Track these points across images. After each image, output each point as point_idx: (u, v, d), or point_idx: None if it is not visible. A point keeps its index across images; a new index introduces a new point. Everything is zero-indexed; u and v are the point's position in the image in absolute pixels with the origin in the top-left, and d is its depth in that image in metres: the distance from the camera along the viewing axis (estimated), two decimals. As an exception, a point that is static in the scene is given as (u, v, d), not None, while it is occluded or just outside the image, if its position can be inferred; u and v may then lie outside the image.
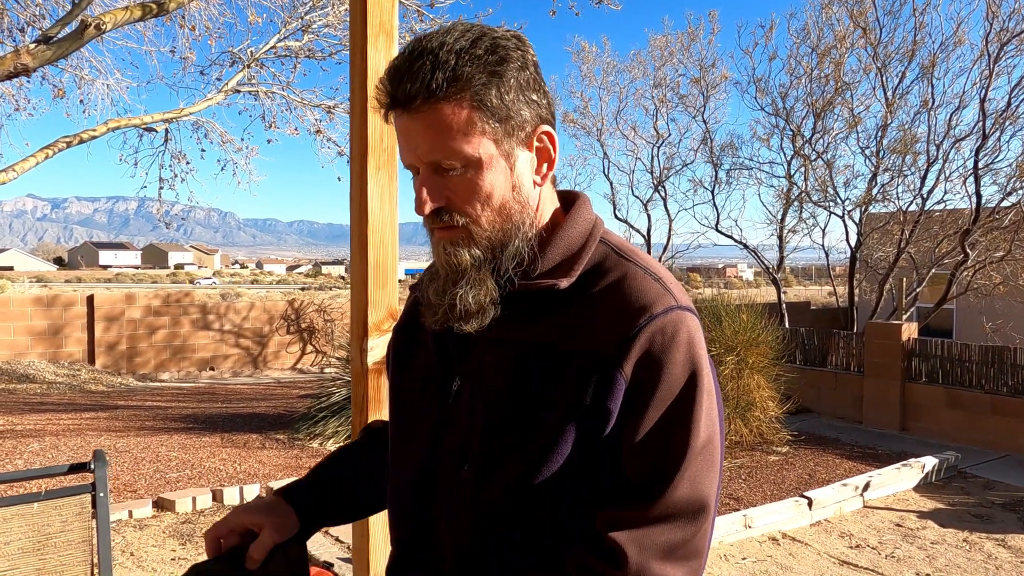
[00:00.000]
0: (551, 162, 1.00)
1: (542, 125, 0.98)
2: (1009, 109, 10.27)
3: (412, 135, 0.94)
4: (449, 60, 0.90)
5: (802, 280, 56.47)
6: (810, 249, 13.78)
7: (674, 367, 0.92)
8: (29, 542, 1.74)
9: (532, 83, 0.96)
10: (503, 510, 0.97)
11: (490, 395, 0.98)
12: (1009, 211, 10.46)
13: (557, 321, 0.96)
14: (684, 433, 0.92)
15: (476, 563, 0.99)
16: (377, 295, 2.26)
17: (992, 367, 8.46)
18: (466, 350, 1.02)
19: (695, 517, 0.92)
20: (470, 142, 0.92)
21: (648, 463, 0.92)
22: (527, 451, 0.95)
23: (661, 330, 0.92)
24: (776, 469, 6.95)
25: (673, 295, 0.96)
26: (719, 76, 12.86)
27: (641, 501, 0.91)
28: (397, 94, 0.92)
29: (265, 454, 6.81)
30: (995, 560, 5.16)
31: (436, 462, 1.04)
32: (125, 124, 7.06)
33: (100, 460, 1.87)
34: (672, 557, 0.91)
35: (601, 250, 1.01)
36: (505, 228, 0.97)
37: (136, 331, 12.61)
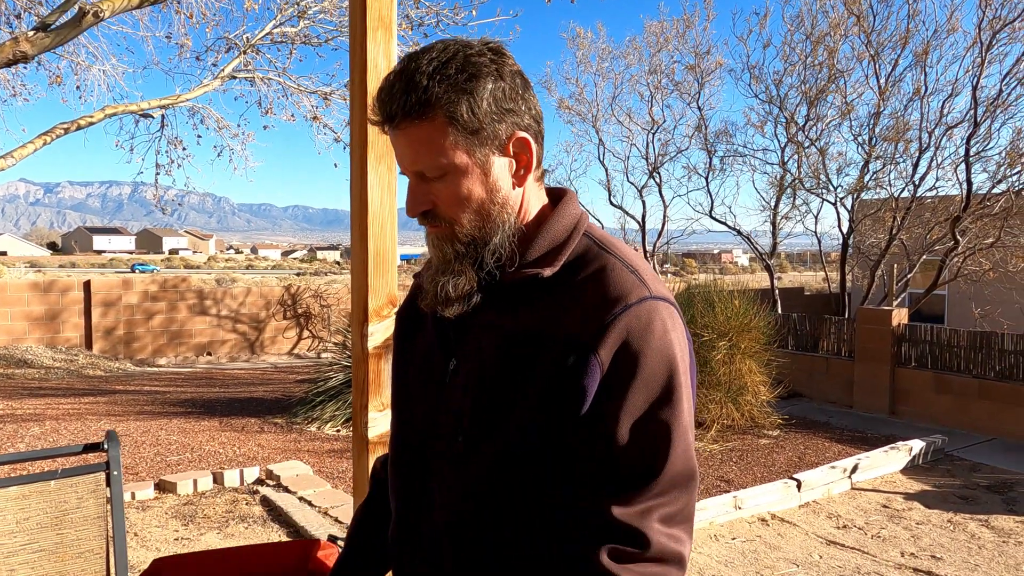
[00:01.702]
0: (528, 165, 1.08)
1: (518, 132, 1.06)
2: (1000, 97, 10.34)
3: (398, 148, 1.06)
4: (421, 82, 1.00)
5: (797, 266, 56.69)
6: (803, 235, 13.88)
7: (650, 354, 1.00)
8: (47, 517, 1.83)
9: (507, 93, 1.04)
10: (491, 479, 1.06)
11: (481, 374, 1.07)
12: (999, 198, 10.56)
13: (541, 307, 1.05)
14: (670, 414, 1.00)
15: (467, 528, 1.08)
16: (377, 282, 2.33)
17: (980, 352, 8.59)
18: (462, 334, 1.11)
19: (687, 486, 1.01)
20: (445, 154, 1.02)
21: (643, 446, 1.00)
22: (511, 424, 1.03)
23: (635, 318, 1.01)
24: (767, 452, 7.08)
25: (648, 286, 1.05)
26: (714, 63, 12.90)
27: (644, 481, 0.99)
28: (383, 113, 1.03)
29: (264, 438, 6.91)
30: (978, 540, 5.29)
31: (433, 435, 1.13)
32: (123, 110, 7.09)
33: (113, 440, 1.95)
34: (674, 523, 1.00)
35: (584, 243, 1.10)
36: (484, 226, 1.06)
37: (133, 316, 12.66)
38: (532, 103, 1.09)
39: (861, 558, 4.88)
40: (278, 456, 6.18)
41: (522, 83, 1.08)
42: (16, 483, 1.82)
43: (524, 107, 1.07)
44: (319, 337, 14.27)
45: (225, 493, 5.10)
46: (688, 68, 13.14)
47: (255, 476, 5.36)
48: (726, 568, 4.62)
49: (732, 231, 13.23)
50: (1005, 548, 5.16)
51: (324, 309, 14.36)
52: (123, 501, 1.91)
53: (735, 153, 13.46)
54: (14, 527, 1.79)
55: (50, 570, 1.80)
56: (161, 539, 4.32)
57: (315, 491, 5.00)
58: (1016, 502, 6.15)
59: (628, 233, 15.03)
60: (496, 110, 1.03)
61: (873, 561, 4.84)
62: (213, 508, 4.79)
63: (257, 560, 1.53)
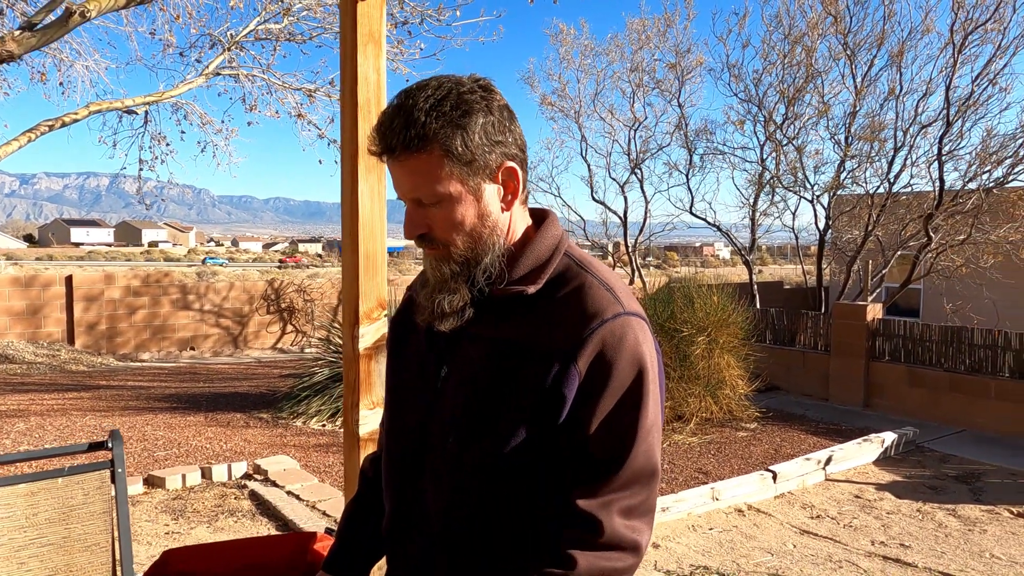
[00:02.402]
0: (515, 191, 1.20)
1: (507, 161, 1.17)
2: (972, 97, 10.57)
3: (397, 177, 1.17)
4: (420, 118, 1.10)
5: (777, 258, 57.18)
6: (782, 231, 14.11)
7: (622, 363, 1.12)
8: (55, 513, 1.92)
9: (496, 126, 1.15)
10: (480, 477, 1.18)
11: (471, 381, 1.19)
12: (970, 196, 10.81)
13: (526, 322, 1.17)
14: (635, 417, 1.13)
15: (457, 521, 1.20)
16: (368, 285, 2.44)
17: (951, 346, 8.82)
18: (453, 344, 1.23)
19: (648, 482, 1.14)
20: (441, 183, 1.13)
21: (608, 443, 1.12)
22: (499, 426, 1.15)
23: (611, 332, 1.13)
24: (744, 445, 7.25)
25: (622, 303, 1.17)
26: (694, 61, 13.06)
27: (606, 475, 1.12)
28: (383, 145, 1.14)
29: (250, 432, 6.98)
30: (945, 528, 5.49)
31: (426, 436, 1.24)
32: (107, 107, 7.09)
33: (117, 439, 2.04)
34: (634, 516, 1.13)
35: (564, 262, 1.22)
36: (476, 248, 1.18)
37: (116, 311, 12.63)
38: (517, 133, 1.20)
39: (833, 547, 5.06)
40: (265, 451, 6.25)
41: (508, 116, 1.19)
42: (25, 480, 1.91)
43: (511, 138, 1.18)
44: (302, 331, 14.31)
45: (214, 488, 5.18)
46: (669, 66, 13.29)
47: (243, 471, 5.44)
48: (703, 557, 4.77)
49: (712, 227, 13.43)
50: (970, 536, 5.36)
51: (307, 304, 14.39)
52: (127, 497, 2.00)
53: (715, 151, 13.65)
54: (23, 522, 1.88)
55: (59, 563, 1.89)
56: (152, 533, 4.40)
57: (303, 485, 5.10)
58: (982, 492, 6.37)
59: (610, 228, 15.19)
60: (487, 142, 1.14)
61: (844, 549, 5.01)
62: (202, 503, 4.87)
63: (259, 551, 1.63)
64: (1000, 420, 8.25)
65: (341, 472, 5.79)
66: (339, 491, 5.10)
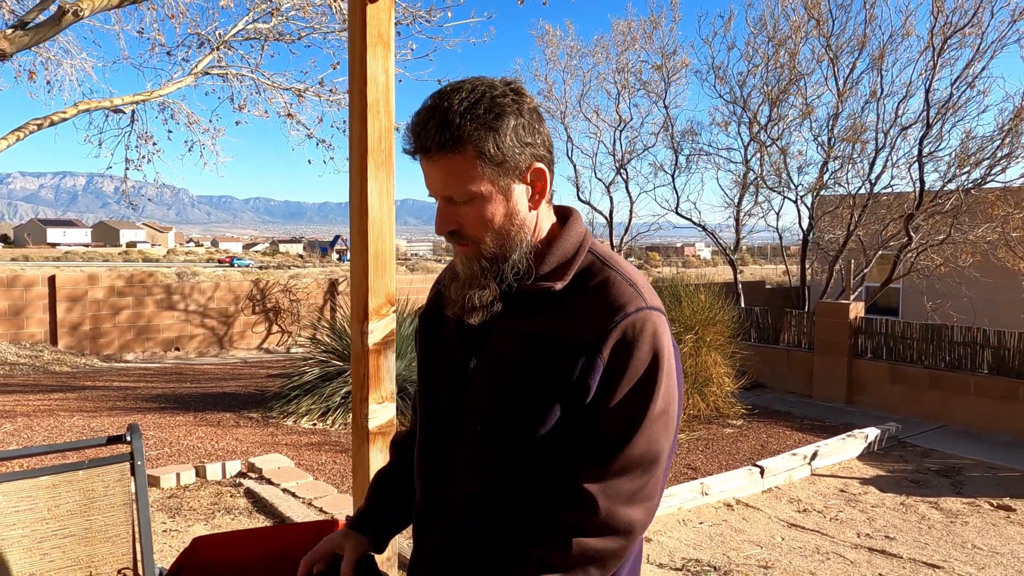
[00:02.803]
0: (543, 191, 1.25)
1: (536, 162, 1.23)
2: (951, 100, 10.78)
3: (430, 175, 1.22)
4: (455, 120, 1.16)
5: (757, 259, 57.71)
6: (765, 231, 14.28)
7: (640, 354, 1.18)
8: (76, 505, 1.95)
9: (527, 129, 1.21)
10: (507, 463, 1.24)
11: (499, 374, 1.25)
12: (950, 196, 11.01)
13: (553, 316, 1.23)
14: (644, 405, 1.18)
15: (486, 505, 1.26)
16: (377, 283, 2.49)
17: (931, 344, 9.00)
18: (482, 338, 1.28)
19: (649, 468, 1.19)
20: (473, 182, 1.19)
21: (615, 427, 1.18)
22: (527, 415, 1.21)
23: (632, 325, 1.19)
24: (731, 441, 7.36)
25: (643, 297, 1.23)
26: (680, 63, 13.19)
27: (607, 458, 1.17)
28: (417, 145, 1.19)
29: (241, 432, 6.97)
30: (928, 520, 5.63)
31: (456, 425, 1.30)
32: (96, 106, 7.06)
33: (136, 433, 2.08)
34: (632, 501, 1.18)
35: (589, 258, 1.28)
36: (505, 245, 1.23)
37: (99, 312, 12.53)
38: (545, 135, 1.26)
39: (820, 539, 5.17)
40: (257, 450, 6.26)
41: (537, 118, 1.24)
42: (47, 473, 1.94)
43: (539, 140, 1.23)
44: (288, 332, 14.27)
45: (208, 486, 5.19)
46: (655, 68, 13.41)
47: (237, 469, 5.46)
48: (695, 551, 4.85)
49: (697, 227, 13.56)
50: (952, 528, 5.50)
51: (293, 304, 14.35)
52: (147, 489, 2.04)
53: (700, 151, 13.79)
54: (46, 514, 1.91)
55: (81, 554, 1.93)
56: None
57: (298, 483, 5.12)
58: (963, 485, 6.52)
59: (596, 228, 15.28)
60: (517, 144, 1.19)
61: (831, 542, 5.12)
62: (198, 500, 4.88)
63: (284, 538, 1.68)
64: (979, 416, 8.43)
65: (335, 470, 5.82)
66: (334, 488, 5.13)
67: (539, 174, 1.24)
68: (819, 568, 4.62)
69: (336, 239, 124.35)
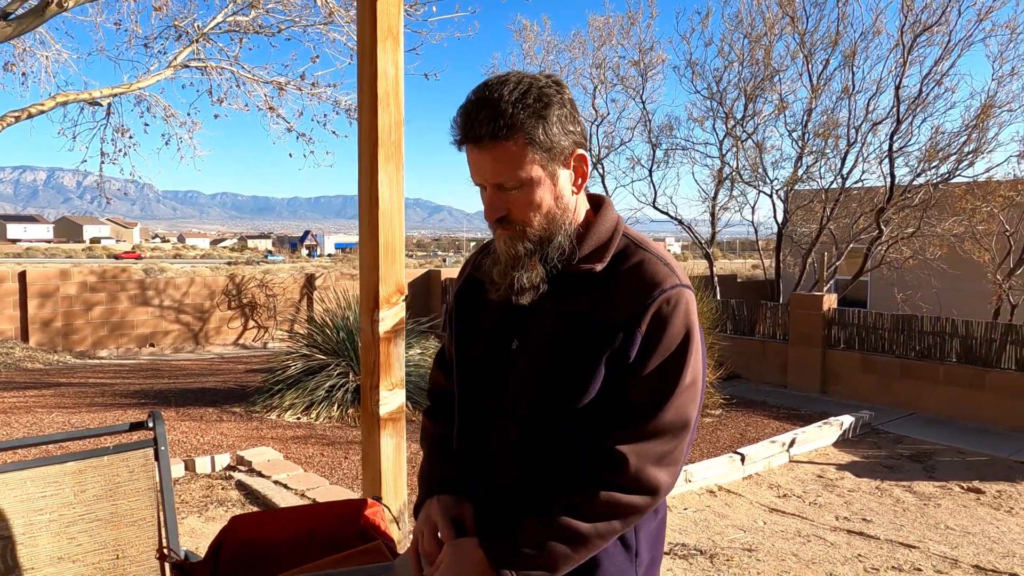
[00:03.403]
0: (584, 176, 1.33)
1: (577, 149, 1.31)
2: (920, 96, 11.06)
3: (481, 163, 1.28)
4: (507, 110, 1.22)
5: (727, 254, 58.38)
6: (740, 225, 14.51)
7: (674, 328, 1.27)
8: (102, 490, 1.98)
9: (569, 118, 1.28)
10: (549, 436, 1.31)
11: (543, 352, 1.31)
12: (919, 191, 11.31)
13: (594, 296, 1.30)
14: (676, 374, 1.27)
15: (533, 473, 1.33)
16: (387, 272, 2.54)
17: (902, 334, 9.25)
18: (526, 319, 1.34)
19: (678, 433, 1.27)
20: (524, 168, 1.25)
21: (648, 394, 1.26)
22: (570, 390, 1.28)
23: (667, 300, 1.27)
24: (711, 430, 7.52)
25: (677, 275, 1.31)
26: (657, 59, 13.34)
27: (639, 421, 1.25)
28: (469, 134, 1.25)
29: (225, 426, 6.95)
30: (902, 503, 5.82)
31: (500, 400, 1.36)
32: (74, 99, 6.95)
33: (158, 419, 2.12)
34: (660, 463, 1.26)
35: (623, 241, 1.36)
36: (550, 228, 1.30)
37: (72, 308, 12.34)
38: (581, 123, 1.33)
39: (800, 523, 5.32)
40: (243, 444, 6.25)
41: (575, 108, 1.32)
42: (72, 459, 1.97)
43: (579, 128, 1.31)
44: (265, 327, 14.17)
45: (199, 479, 5.19)
46: (632, 63, 13.54)
47: (226, 462, 5.45)
48: (681, 535, 4.97)
49: (674, 221, 13.74)
50: (926, 510, 5.69)
51: (270, 298, 14.25)
52: (171, 474, 2.08)
53: (677, 146, 13.96)
54: (72, 499, 1.94)
55: (107, 538, 1.96)
56: (141, 524, 4.40)
57: (288, 475, 5.14)
58: (935, 469, 6.74)
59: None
60: (562, 131, 1.27)
61: (811, 525, 5.28)
62: (190, 494, 4.88)
63: (316, 516, 1.74)
64: (948, 403, 8.70)
65: (323, 462, 5.84)
66: (325, 480, 5.16)
67: (581, 159, 1.31)
68: (801, 550, 4.77)
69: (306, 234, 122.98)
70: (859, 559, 4.64)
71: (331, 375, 7.65)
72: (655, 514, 1.37)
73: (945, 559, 4.69)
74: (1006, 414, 8.26)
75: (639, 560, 1.34)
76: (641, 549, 1.34)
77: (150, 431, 2.11)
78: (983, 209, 11.22)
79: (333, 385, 7.57)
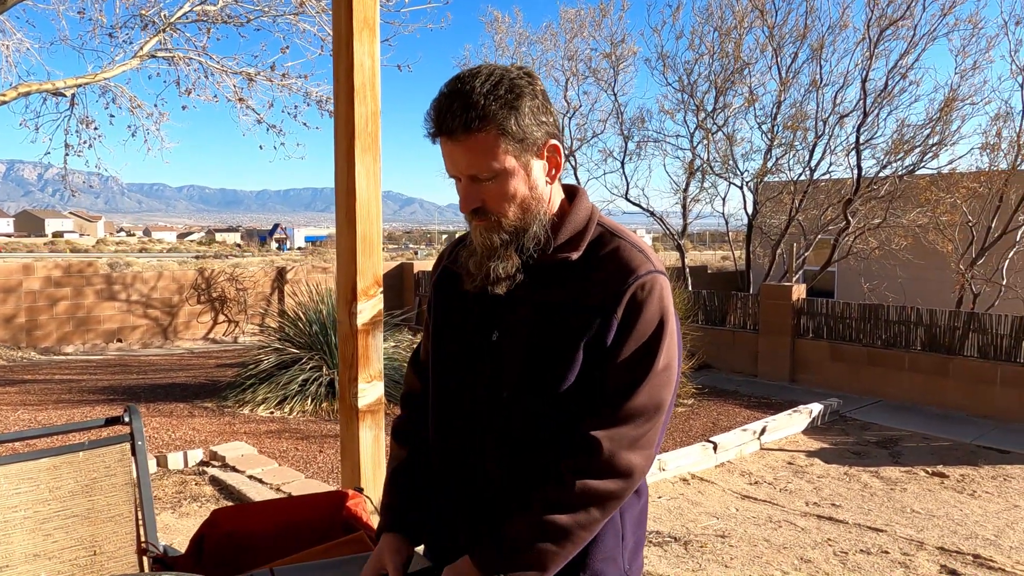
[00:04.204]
0: (558, 166, 1.34)
1: (551, 139, 1.31)
2: (887, 89, 11.26)
3: (454, 155, 1.28)
4: (479, 101, 1.23)
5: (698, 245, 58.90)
6: (711, 216, 14.65)
7: (649, 312, 1.29)
8: (78, 485, 1.95)
9: (541, 108, 1.29)
10: (530, 425, 1.32)
11: (523, 341, 1.32)
12: (885, 182, 11.52)
13: (571, 284, 1.32)
14: (650, 358, 1.28)
15: (515, 464, 1.34)
16: (364, 264, 2.53)
17: (869, 323, 9.44)
18: (504, 309, 1.35)
19: (652, 416, 1.28)
20: (497, 159, 1.26)
21: (622, 379, 1.27)
22: (551, 380, 1.30)
23: (642, 286, 1.29)
24: (684, 419, 7.61)
25: (651, 262, 1.33)
26: (628, 51, 13.39)
27: (613, 405, 1.27)
28: (442, 126, 1.26)
29: (197, 421, 6.88)
30: (870, 488, 5.95)
31: (481, 392, 1.37)
32: (37, 89, 6.79)
33: (135, 413, 2.09)
34: (634, 447, 1.27)
35: (598, 230, 1.37)
36: (525, 218, 1.31)
37: (36, 303, 12.08)
38: (554, 115, 1.34)
39: (772, 509, 5.42)
40: (215, 439, 6.19)
41: (547, 99, 1.33)
42: (47, 455, 1.94)
43: (551, 119, 1.32)
44: (235, 321, 14.00)
45: (171, 475, 5.13)
46: (604, 55, 13.57)
47: (199, 458, 5.40)
48: (655, 523, 5.04)
49: (646, 212, 13.83)
50: (892, 494, 5.83)
51: (240, 292, 14.08)
52: (148, 468, 2.06)
53: (649, 138, 14.04)
54: (47, 495, 1.91)
55: (84, 534, 1.94)
56: (113, 521, 4.35)
57: (263, 469, 5.11)
58: (901, 455, 6.91)
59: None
60: (535, 122, 1.28)
61: (782, 511, 5.38)
62: (163, 490, 4.82)
63: (299, 509, 1.74)
64: (913, 390, 8.90)
65: (298, 456, 5.81)
66: (300, 474, 5.14)
67: (555, 150, 1.32)
68: (772, 535, 4.86)
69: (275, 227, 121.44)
70: (829, 543, 4.74)
71: (304, 369, 7.60)
72: (638, 499, 1.39)
73: (911, 542, 4.81)
74: (969, 400, 8.48)
75: (624, 543, 1.36)
76: (627, 533, 1.36)
77: (126, 426, 2.08)
78: (946, 200, 11.46)
79: (307, 379, 7.52)
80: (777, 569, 4.30)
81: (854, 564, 4.41)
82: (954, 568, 4.39)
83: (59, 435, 2.68)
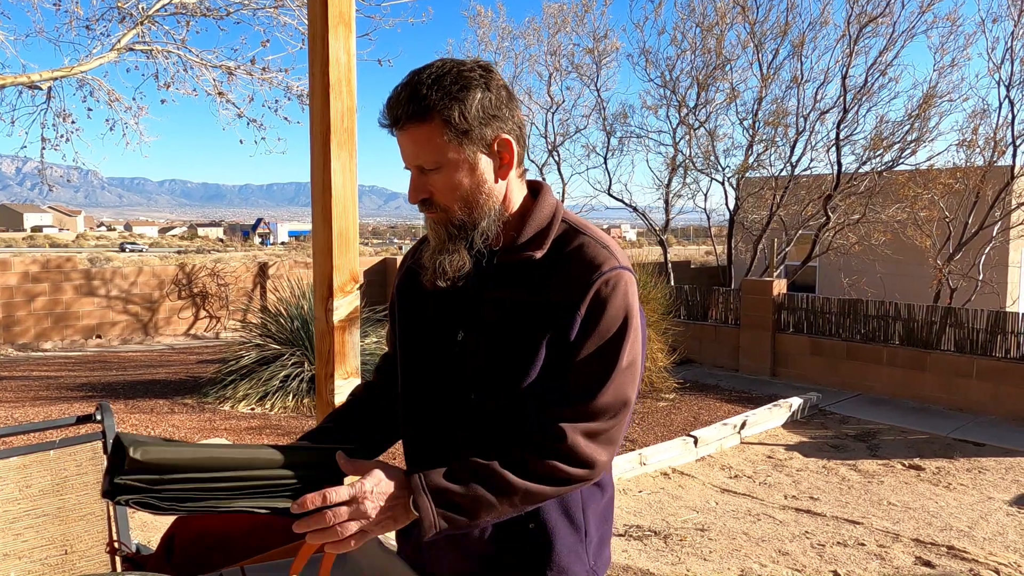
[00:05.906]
0: (510, 163, 1.32)
1: (502, 134, 1.30)
2: (866, 86, 11.36)
3: (402, 146, 1.29)
4: (421, 91, 1.23)
5: (681, 240, 59.17)
6: (693, 212, 14.71)
7: (613, 308, 1.28)
8: (48, 485, 1.93)
9: (494, 103, 1.28)
10: (497, 425, 1.32)
11: (489, 340, 1.32)
12: (864, 178, 11.62)
13: (536, 282, 1.31)
14: (614, 355, 1.28)
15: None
16: (340, 260, 2.52)
17: (848, 318, 9.53)
18: (469, 308, 1.35)
19: (617, 413, 1.29)
20: (439, 150, 1.26)
21: (587, 375, 1.27)
22: (516, 375, 1.29)
23: (606, 282, 1.28)
24: (665, 413, 7.66)
25: (616, 258, 1.33)
26: (611, 46, 13.40)
27: (579, 401, 1.27)
28: (391, 117, 1.27)
29: (176, 418, 6.83)
30: (847, 481, 6.02)
31: (448, 393, 1.36)
32: (11, 82, 6.68)
33: (107, 411, 2.08)
34: (597, 441, 1.27)
35: (563, 227, 1.37)
36: (472, 213, 1.30)
37: (12, 299, 11.93)
38: (516, 112, 1.33)
39: (751, 502, 5.47)
40: (196, 435, 6.15)
41: (507, 95, 1.31)
42: (16, 454, 1.92)
43: (508, 115, 1.30)
44: (216, 317, 13.91)
45: (150, 473, 5.09)
46: (587, 51, 13.58)
47: (178, 455, 5.36)
48: (636, 518, 5.07)
49: (629, 208, 13.88)
50: (870, 487, 5.90)
51: (221, 288, 13.98)
52: (120, 467, 2.04)
53: (632, 134, 14.07)
54: (17, 495, 1.89)
55: (55, 533, 1.92)
56: (90, 520, 4.31)
57: (243, 466, 5.08)
58: (878, 448, 6.99)
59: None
60: (483, 116, 1.26)
61: (761, 504, 5.43)
62: (140, 487, 4.79)
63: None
64: (891, 384, 9.01)
65: (279, 453, 5.78)
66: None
67: (505, 145, 1.30)
68: (751, 528, 4.91)
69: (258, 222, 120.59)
70: (807, 536, 4.80)
71: (286, 365, 7.56)
72: (602, 493, 1.40)
73: (887, 534, 4.88)
74: (945, 393, 8.59)
75: (588, 539, 1.37)
76: (590, 529, 1.37)
77: (98, 424, 2.07)
78: (925, 196, 11.58)
79: (288, 375, 7.49)
80: (755, 562, 4.34)
81: (831, 556, 4.46)
82: (928, 559, 4.46)
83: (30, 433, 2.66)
